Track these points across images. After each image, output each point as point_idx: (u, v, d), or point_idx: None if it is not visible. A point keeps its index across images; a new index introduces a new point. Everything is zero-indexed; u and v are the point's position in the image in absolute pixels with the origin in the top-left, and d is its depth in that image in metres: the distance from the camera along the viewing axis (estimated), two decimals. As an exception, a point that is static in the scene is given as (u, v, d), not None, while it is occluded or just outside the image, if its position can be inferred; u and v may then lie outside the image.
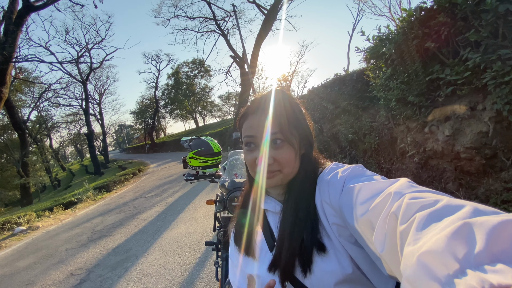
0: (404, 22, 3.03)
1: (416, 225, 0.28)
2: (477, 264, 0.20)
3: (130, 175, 13.37)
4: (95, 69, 25.62)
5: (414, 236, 0.27)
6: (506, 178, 2.43)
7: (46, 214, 7.62)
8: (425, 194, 0.33)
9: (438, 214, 0.27)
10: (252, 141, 0.60)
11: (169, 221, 4.82)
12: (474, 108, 2.65)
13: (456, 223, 0.23)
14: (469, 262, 0.20)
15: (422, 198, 0.32)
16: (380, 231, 0.35)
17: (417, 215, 0.29)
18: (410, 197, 0.33)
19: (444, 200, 0.29)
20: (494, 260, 0.19)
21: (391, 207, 0.35)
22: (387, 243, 0.33)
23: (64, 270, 3.66)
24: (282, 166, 0.58)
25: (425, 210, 0.29)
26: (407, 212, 0.31)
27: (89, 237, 4.92)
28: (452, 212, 0.26)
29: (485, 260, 0.20)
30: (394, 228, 0.32)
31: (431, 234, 0.25)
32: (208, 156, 1.94)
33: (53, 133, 32.47)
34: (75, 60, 21.45)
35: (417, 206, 0.30)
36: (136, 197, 7.95)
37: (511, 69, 2.06)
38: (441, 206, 0.28)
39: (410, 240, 0.27)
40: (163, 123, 47.24)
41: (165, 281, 2.79)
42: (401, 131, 3.83)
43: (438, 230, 0.25)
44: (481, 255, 0.20)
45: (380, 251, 0.35)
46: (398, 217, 0.32)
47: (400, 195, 0.35)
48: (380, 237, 0.35)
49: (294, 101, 0.63)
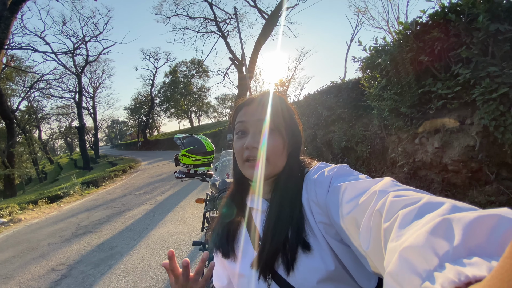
0: (400, 35, 3.10)
1: (399, 222, 0.29)
2: (454, 258, 0.21)
3: (120, 171, 13.18)
4: (91, 62, 25.25)
5: (397, 232, 0.28)
6: (489, 192, 2.50)
7: (29, 207, 7.43)
8: (408, 193, 0.34)
9: (419, 211, 0.28)
10: (242, 128, 0.62)
11: (157, 219, 4.76)
12: (462, 122, 2.72)
13: (436, 219, 0.24)
14: (448, 256, 0.21)
15: (405, 196, 0.33)
16: (365, 229, 0.36)
17: (400, 213, 0.30)
18: (394, 195, 0.34)
19: (425, 198, 0.30)
20: (470, 254, 0.20)
21: (376, 205, 0.35)
22: (372, 240, 0.34)
23: (45, 265, 3.57)
24: (269, 155, 0.59)
25: (408, 208, 0.30)
26: (390, 210, 0.32)
27: (73, 232, 4.81)
28: (433, 209, 0.27)
29: (462, 253, 0.21)
30: (378, 225, 0.33)
31: (413, 230, 0.26)
32: (200, 154, 1.93)
33: (43, 125, 31.84)
34: (71, 52, 21.12)
35: (401, 204, 0.31)
36: (125, 194, 7.83)
37: (498, 86, 2.13)
38: (422, 203, 0.29)
39: (393, 237, 0.28)
40: (158, 121, 46.81)
41: (150, 280, 2.75)
42: (393, 141, 3.90)
43: (419, 226, 0.25)
44: (458, 249, 0.21)
45: (365, 248, 0.35)
46: (382, 214, 0.33)
47: (384, 193, 0.36)
48: (365, 234, 0.36)
49: (288, 103, 0.66)
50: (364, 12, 14.54)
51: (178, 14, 17.23)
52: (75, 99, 24.80)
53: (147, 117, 37.00)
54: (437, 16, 2.64)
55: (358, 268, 0.52)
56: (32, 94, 24.53)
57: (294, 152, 0.64)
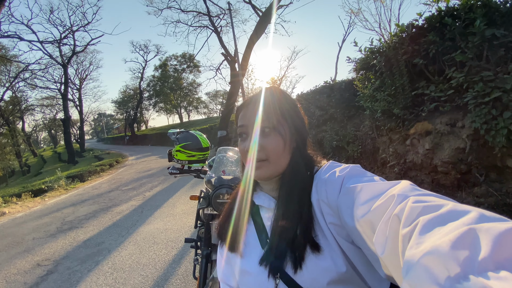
0: (396, 37, 3.14)
1: (420, 229, 0.27)
2: (480, 270, 0.20)
3: (107, 166, 12.88)
4: (78, 53, 24.45)
5: (417, 239, 0.26)
6: (478, 193, 2.57)
7: (13, 200, 7.18)
8: (429, 198, 0.33)
9: (442, 219, 0.27)
10: (244, 131, 0.62)
11: (146, 216, 4.66)
12: (453, 125, 2.78)
13: (461, 228, 0.23)
14: (473, 267, 0.20)
15: (426, 202, 0.31)
16: (381, 233, 0.34)
17: (420, 219, 0.28)
18: (414, 200, 0.32)
19: (449, 205, 0.29)
20: (498, 267, 0.19)
21: (394, 209, 0.34)
22: (388, 246, 0.33)
23: (31, 260, 3.45)
24: (269, 155, 0.58)
25: (429, 214, 0.28)
26: (410, 215, 0.30)
27: (58, 227, 4.66)
28: (457, 217, 0.26)
29: (489, 266, 0.19)
30: (396, 230, 0.32)
31: (435, 238, 0.25)
32: (195, 150, 1.89)
33: (27, 116, 30.77)
34: (57, 41, 20.42)
35: (422, 210, 0.30)
36: (112, 189, 7.65)
37: (491, 90, 2.19)
38: (445, 210, 0.28)
39: (412, 244, 0.27)
40: (146, 115, 45.89)
41: (138, 277, 2.69)
42: (384, 141, 3.95)
43: (442, 235, 0.24)
44: (485, 261, 0.20)
45: (380, 254, 0.34)
46: (401, 220, 0.31)
47: (403, 197, 0.35)
48: (381, 239, 0.34)
49: (287, 95, 0.64)
50: (357, 13, 14.68)
51: (171, 6, 16.85)
52: (61, 91, 23.98)
53: (135, 111, 36.27)
54: (433, 19, 2.68)
55: (370, 270, 0.51)
56: (17, 84, 23.69)
57: (299, 147, 0.62)
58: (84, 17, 23.53)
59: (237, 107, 0.67)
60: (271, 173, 0.59)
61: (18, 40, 15.17)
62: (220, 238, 0.70)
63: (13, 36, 14.32)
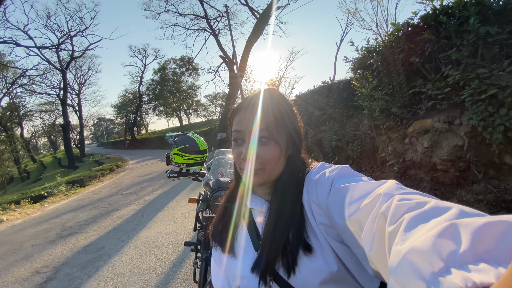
0: (392, 36, 3.15)
1: (405, 226, 0.28)
2: (461, 263, 0.20)
3: (107, 170, 12.86)
4: (76, 58, 24.53)
5: (402, 236, 0.27)
6: (477, 190, 2.56)
7: (12, 207, 7.16)
8: (414, 196, 0.34)
9: (425, 216, 0.28)
10: (239, 137, 0.60)
11: (146, 220, 4.65)
12: (451, 123, 2.78)
13: (443, 223, 0.24)
14: (454, 261, 0.21)
15: (410, 199, 0.32)
16: (369, 231, 0.35)
17: (405, 216, 0.29)
18: (399, 198, 0.33)
19: (432, 202, 0.30)
20: (478, 260, 0.20)
21: (380, 207, 0.35)
22: (375, 243, 0.34)
23: (29, 267, 3.43)
24: (265, 164, 0.58)
25: (413, 212, 0.29)
26: (396, 213, 0.31)
27: (58, 233, 4.64)
28: (439, 214, 0.27)
29: (469, 259, 0.20)
30: (382, 228, 0.33)
31: (419, 234, 0.26)
32: (193, 153, 1.89)
33: (25, 122, 30.67)
34: (55, 47, 20.47)
35: (406, 208, 0.31)
36: (112, 193, 7.64)
37: (487, 87, 2.19)
38: (428, 207, 0.29)
39: (398, 240, 0.27)
40: (146, 119, 45.85)
41: (139, 281, 2.68)
42: (383, 140, 3.95)
43: (425, 231, 0.25)
44: (465, 254, 0.20)
45: (368, 251, 0.35)
46: (387, 217, 0.32)
47: (389, 196, 0.36)
48: (368, 237, 0.35)
49: (285, 100, 0.63)
50: (354, 13, 14.70)
51: (168, 10, 16.94)
52: (60, 96, 24.02)
53: (135, 115, 36.31)
54: (428, 18, 2.69)
55: (361, 269, 0.52)
56: (14, 90, 23.71)
57: (294, 153, 0.63)
58: (81, 22, 23.64)
59: (232, 109, 0.65)
60: (265, 180, 0.60)
61: (15, 45, 15.18)
62: (213, 240, 0.71)
63: (9, 42, 14.31)
